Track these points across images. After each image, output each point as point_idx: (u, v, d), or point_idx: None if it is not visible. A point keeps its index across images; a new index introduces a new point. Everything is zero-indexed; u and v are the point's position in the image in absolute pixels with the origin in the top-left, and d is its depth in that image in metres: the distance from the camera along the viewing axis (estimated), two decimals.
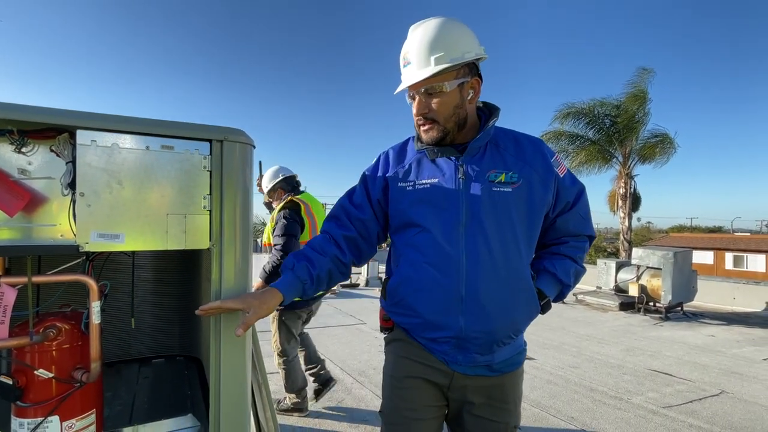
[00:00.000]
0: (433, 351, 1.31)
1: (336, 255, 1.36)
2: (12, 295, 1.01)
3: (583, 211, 1.40)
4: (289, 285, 1.28)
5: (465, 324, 1.23)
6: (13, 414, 1.12)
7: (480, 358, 1.28)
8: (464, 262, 1.22)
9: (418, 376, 1.33)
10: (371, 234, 1.43)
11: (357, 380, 3.97)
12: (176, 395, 1.82)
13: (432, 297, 1.26)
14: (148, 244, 1.12)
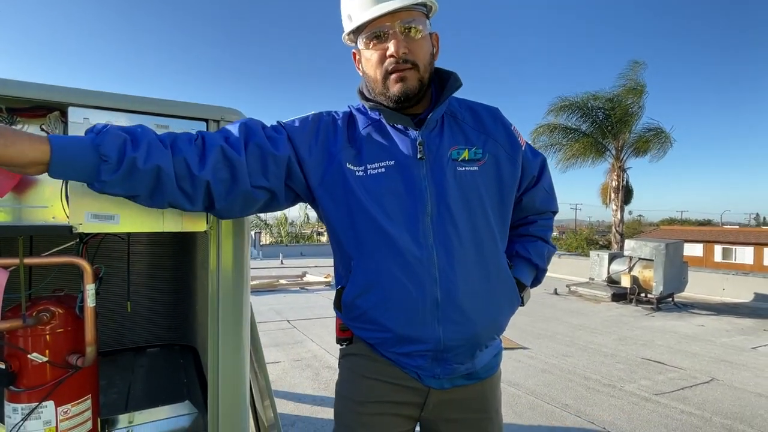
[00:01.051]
0: (403, 366, 1.11)
1: (186, 160, 0.91)
2: (3, 277, 0.98)
3: (548, 185, 1.26)
4: (73, 147, 0.82)
5: (444, 333, 1.03)
6: (7, 399, 1.10)
7: (461, 367, 1.10)
8: (436, 261, 1.01)
9: (386, 399, 1.12)
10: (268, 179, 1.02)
11: None
12: (172, 383, 1.81)
13: (402, 307, 1.03)
14: (144, 225, 1.09)
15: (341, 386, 1.21)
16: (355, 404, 1.15)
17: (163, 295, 2.28)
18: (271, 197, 1.07)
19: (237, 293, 1.22)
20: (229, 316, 1.21)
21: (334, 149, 1.09)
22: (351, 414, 1.16)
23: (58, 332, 1.11)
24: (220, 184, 0.96)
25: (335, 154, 1.08)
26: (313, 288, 9.44)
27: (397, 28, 1.01)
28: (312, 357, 4.41)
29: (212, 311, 1.20)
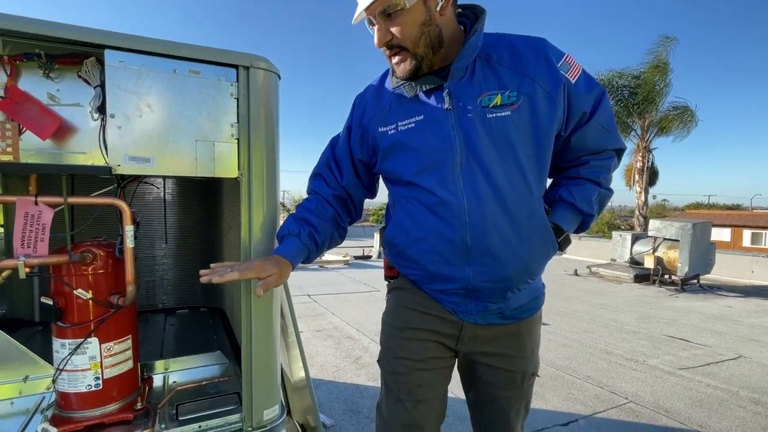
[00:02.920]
0: (440, 300, 1.20)
1: (335, 218, 1.28)
2: (49, 215, 1.02)
3: (605, 121, 1.15)
4: (297, 254, 1.18)
5: (473, 275, 1.10)
6: (54, 335, 1.16)
7: (492, 306, 1.16)
8: (466, 207, 1.06)
9: (424, 327, 1.22)
10: (355, 197, 1.33)
11: (374, 341, 4.05)
12: (203, 339, 1.87)
13: (433, 248, 1.12)
14: (178, 169, 1.12)
15: (386, 316, 1.32)
16: (396, 330, 1.26)
17: (192, 259, 2.34)
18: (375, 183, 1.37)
19: (268, 240, 1.24)
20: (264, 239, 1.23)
21: (366, 119, 1.22)
22: (393, 338, 1.27)
23: (99, 273, 1.16)
24: (352, 213, 1.36)
25: (368, 124, 1.22)
26: (331, 266, 9.57)
27: (377, 18, 1.05)
28: (333, 328, 4.50)
29: (244, 257, 1.23)
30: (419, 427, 1.21)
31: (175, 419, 1.21)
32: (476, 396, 1.31)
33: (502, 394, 1.25)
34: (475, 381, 1.29)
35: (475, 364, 1.26)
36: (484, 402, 1.29)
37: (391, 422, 1.23)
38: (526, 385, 1.26)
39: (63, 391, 1.17)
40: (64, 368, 1.15)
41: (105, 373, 1.18)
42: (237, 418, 1.24)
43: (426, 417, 1.22)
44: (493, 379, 1.24)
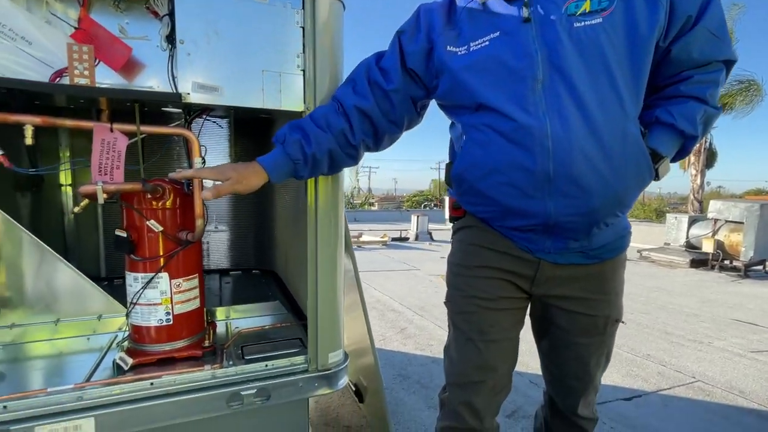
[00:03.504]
0: (513, 238, 1.10)
1: (343, 131, 1.10)
2: (124, 143, 1.02)
3: (715, 26, 0.97)
4: (276, 163, 1.07)
5: (555, 208, 0.99)
6: (127, 269, 1.18)
7: (573, 243, 1.05)
8: (549, 131, 0.94)
9: (495, 266, 1.13)
10: (396, 111, 1.14)
11: (417, 313, 4.02)
12: (259, 294, 1.88)
13: (509, 181, 1.01)
14: (245, 100, 1.08)
15: (453, 256, 1.25)
16: (465, 269, 1.18)
17: (245, 222, 2.37)
18: (409, 120, 1.20)
19: (334, 184, 1.20)
20: (328, 201, 1.19)
21: (434, 35, 1.09)
22: (461, 277, 1.19)
23: (168, 209, 1.16)
24: (369, 136, 1.16)
25: (435, 40, 1.09)
26: (369, 246, 9.63)
27: None
28: (376, 301, 4.50)
29: (311, 195, 1.19)
30: (492, 368, 1.15)
31: (241, 358, 1.21)
32: (551, 344, 1.23)
33: (581, 341, 1.16)
34: (549, 328, 1.21)
35: (550, 309, 1.17)
36: (560, 351, 1.21)
37: (461, 363, 1.17)
38: (609, 331, 1.17)
39: (136, 325, 1.19)
40: (137, 302, 1.17)
41: (175, 309, 1.19)
42: (302, 360, 1.22)
43: (498, 359, 1.16)
44: (571, 325, 1.16)
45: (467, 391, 1.17)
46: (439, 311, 4.11)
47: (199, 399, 1.09)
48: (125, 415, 1.03)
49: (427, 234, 11.86)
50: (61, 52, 1.02)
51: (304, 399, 1.29)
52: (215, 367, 1.15)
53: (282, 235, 2.01)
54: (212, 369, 1.14)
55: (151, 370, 1.13)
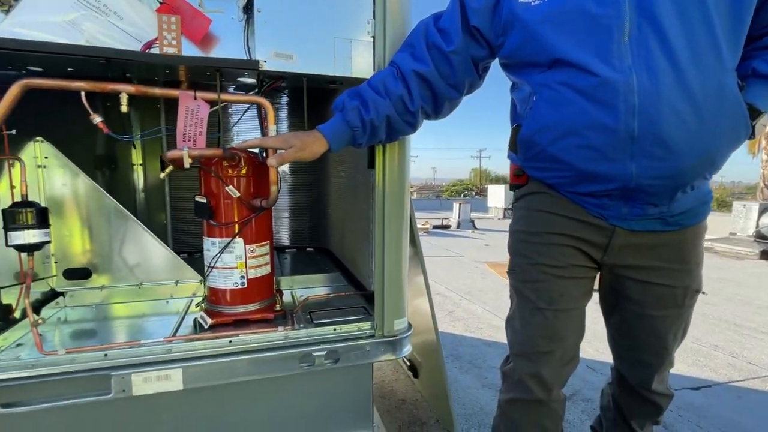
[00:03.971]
0: (585, 205, 1.04)
1: (401, 97, 1.07)
2: (206, 110, 1.07)
3: None
4: (336, 130, 1.07)
5: (637, 170, 0.92)
6: (205, 235, 1.24)
7: (652, 209, 0.99)
8: (635, 86, 0.87)
9: (565, 232, 1.07)
10: (456, 75, 1.09)
11: (464, 298, 3.99)
12: (318, 267, 1.93)
13: (587, 143, 0.94)
14: (318, 67, 1.10)
15: (517, 224, 1.19)
16: (532, 235, 1.13)
17: (301, 202, 2.43)
18: (470, 83, 1.15)
19: (402, 154, 1.20)
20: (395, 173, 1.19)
21: None
22: (528, 245, 1.14)
23: (244, 176, 1.21)
24: (428, 102, 1.12)
25: None
26: None
27: None
28: None
29: (379, 165, 1.20)
30: (561, 338, 1.12)
31: (311, 322, 1.26)
32: (623, 318, 1.17)
33: (656, 313, 1.10)
34: (621, 300, 1.15)
35: (622, 280, 1.11)
36: (633, 325, 1.15)
37: (528, 333, 1.14)
38: (687, 303, 1.10)
39: (213, 287, 1.26)
40: (214, 266, 1.23)
41: (249, 273, 1.25)
42: (369, 326, 1.25)
43: (567, 328, 1.12)
44: (645, 297, 1.09)
45: (534, 362, 1.14)
46: (487, 296, 4.06)
47: (273, 357, 1.14)
48: (208, 369, 1.09)
49: (470, 222, 11.70)
50: (148, 26, 1.07)
51: (370, 364, 1.32)
52: (287, 329, 1.20)
53: (337, 213, 2.05)
54: (285, 330, 1.19)
55: (228, 329, 1.19)
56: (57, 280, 1.34)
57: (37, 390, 0.99)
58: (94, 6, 1.03)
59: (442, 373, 1.70)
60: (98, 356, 1.04)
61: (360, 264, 1.56)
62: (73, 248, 1.34)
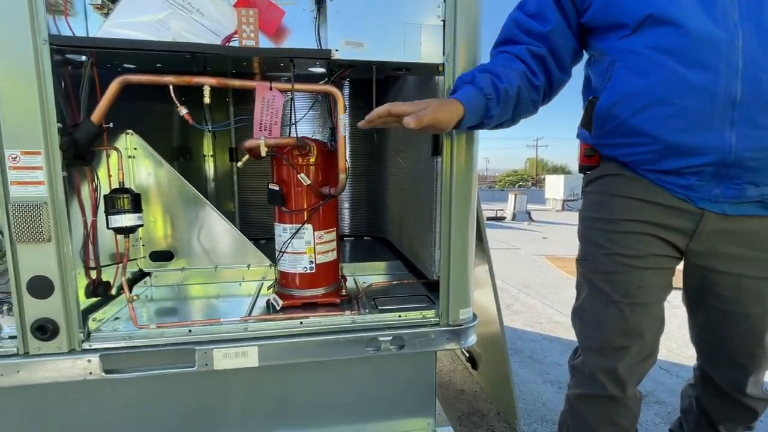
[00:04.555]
0: (668, 186, 0.96)
1: (524, 72, 1.04)
2: (281, 100, 1.11)
3: None
4: (470, 98, 0.99)
5: (737, 140, 0.84)
6: (276, 221, 1.30)
7: (751, 189, 0.89)
8: (740, 44, 0.80)
9: (644, 219, 0.99)
10: (561, 50, 1.05)
11: (522, 291, 3.87)
12: (378, 255, 1.96)
13: (678, 110, 0.87)
14: (388, 54, 1.10)
15: (588, 210, 1.11)
16: (606, 222, 1.05)
17: (356, 190, 2.47)
18: (573, 57, 1.11)
19: (471, 133, 1.17)
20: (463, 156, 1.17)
21: None
22: (601, 233, 1.06)
23: (313, 164, 1.24)
24: (547, 75, 1.09)
25: None
26: None
27: None
28: None
29: (447, 151, 1.18)
30: (639, 334, 1.04)
31: (375, 308, 1.28)
32: (711, 315, 1.07)
33: (753, 311, 0.99)
34: (708, 296, 1.04)
35: (712, 273, 1.00)
36: (724, 323, 1.04)
37: (602, 327, 1.08)
38: None
39: (284, 271, 1.32)
40: (285, 250, 1.29)
41: (317, 259, 1.29)
42: (433, 314, 1.24)
43: (645, 323, 1.04)
44: (739, 292, 0.99)
45: (608, 357, 1.08)
46: (547, 291, 3.91)
47: (341, 340, 1.18)
48: (281, 348, 1.14)
49: (526, 213, 11.30)
50: (226, 21, 1.13)
51: (433, 352, 1.32)
52: (354, 313, 1.23)
53: (396, 203, 2.05)
54: (352, 315, 1.22)
55: (297, 311, 1.24)
56: (144, 262, 1.46)
57: (132, 359, 1.09)
58: (180, 4, 1.10)
59: (506, 366, 1.66)
60: (183, 332, 1.13)
61: (421, 253, 1.56)
62: (157, 233, 1.45)
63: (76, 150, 1.00)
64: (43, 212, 0.98)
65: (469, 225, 1.24)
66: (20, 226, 0.97)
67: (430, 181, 1.34)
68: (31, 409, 1.14)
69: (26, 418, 1.14)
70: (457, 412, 1.83)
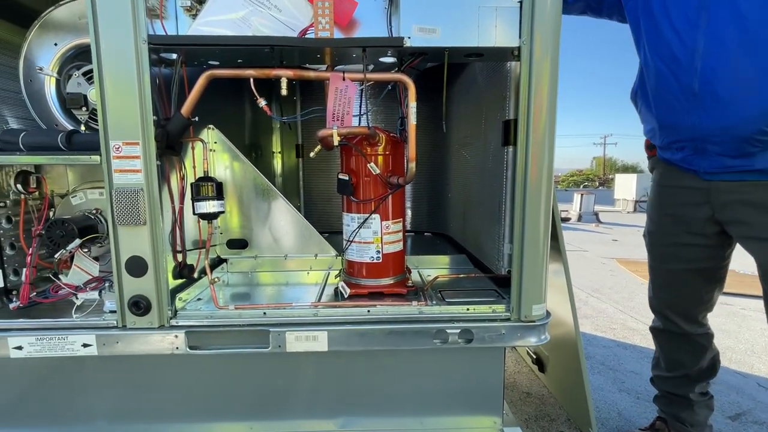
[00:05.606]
0: (676, 163, 1.29)
1: None
2: (353, 90, 1.12)
3: None
4: None
5: (699, 122, 1.15)
6: (344, 210, 1.32)
7: (730, 161, 1.15)
8: (701, 49, 1.10)
9: (675, 202, 1.34)
10: None
11: (592, 295, 3.64)
12: (440, 249, 1.93)
13: (662, 96, 1.22)
14: (461, 39, 1.07)
15: (651, 191, 1.47)
16: (658, 207, 1.42)
17: (421, 189, 2.45)
18: None
19: (550, 119, 1.11)
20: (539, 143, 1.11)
21: None
22: (657, 213, 1.43)
23: (382, 154, 1.25)
24: None
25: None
26: None
27: None
28: None
29: (522, 140, 1.13)
30: None
31: (442, 300, 1.25)
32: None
33: None
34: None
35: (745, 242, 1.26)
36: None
37: None
38: None
39: (351, 260, 1.34)
40: (353, 240, 1.30)
41: (384, 249, 1.29)
42: (504, 308, 1.20)
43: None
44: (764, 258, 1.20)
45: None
46: (619, 295, 3.64)
47: (408, 330, 1.17)
48: (349, 334, 1.16)
49: (593, 215, 10.63)
50: (301, 15, 1.16)
51: (502, 348, 1.27)
52: (421, 304, 1.21)
53: (459, 197, 2.01)
54: (419, 305, 1.21)
55: (364, 300, 1.25)
56: (221, 249, 1.55)
57: (213, 337, 1.17)
58: (259, 1, 1.15)
59: (581, 370, 1.56)
60: (258, 314, 1.18)
61: (487, 247, 1.51)
62: (232, 222, 1.54)
63: (168, 141, 1.09)
64: (140, 198, 1.07)
65: (543, 217, 1.18)
66: (121, 210, 1.07)
67: (500, 172, 1.30)
68: (125, 377, 1.26)
69: (120, 386, 1.26)
70: (524, 414, 1.76)
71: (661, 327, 1.48)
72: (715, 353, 1.44)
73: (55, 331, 1.12)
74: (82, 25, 1.36)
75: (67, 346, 1.12)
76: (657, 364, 1.53)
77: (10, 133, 1.11)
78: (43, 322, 1.14)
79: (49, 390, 1.25)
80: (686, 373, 1.43)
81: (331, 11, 1.05)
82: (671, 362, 1.47)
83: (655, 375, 1.54)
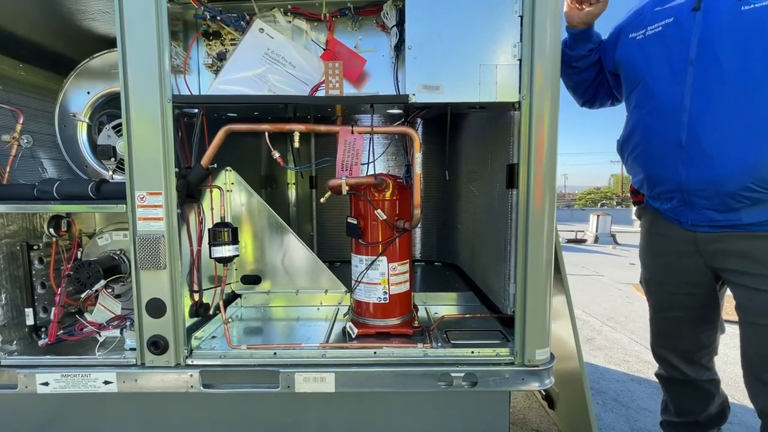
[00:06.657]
0: (664, 213, 1.31)
1: None
2: (361, 142, 1.19)
3: None
4: None
5: (686, 174, 1.16)
6: (353, 252, 1.37)
7: (717, 215, 1.17)
8: (688, 106, 1.12)
9: (667, 251, 1.35)
10: None
11: (606, 324, 3.58)
12: (447, 284, 1.96)
13: (650, 150, 1.24)
14: (463, 95, 1.13)
15: (641, 237, 1.51)
16: (647, 253, 1.47)
17: (430, 220, 2.49)
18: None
19: (550, 166, 1.15)
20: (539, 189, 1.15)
21: (623, 23, 1.35)
22: (648, 259, 1.47)
23: (388, 199, 1.30)
24: None
25: (623, 27, 1.34)
26: None
27: None
28: None
29: (523, 184, 1.17)
30: None
31: (447, 341, 1.28)
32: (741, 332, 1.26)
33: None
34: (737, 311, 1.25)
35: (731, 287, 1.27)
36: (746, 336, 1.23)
37: None
38: None
39: (359, 300, 1.38)
40: (361, 280, 1.35)
41: (391, 290, 1.33)
42: (508, 352, 1.22)
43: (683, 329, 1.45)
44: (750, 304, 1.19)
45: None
46: (635, 324, 3.57)
47: (412, 373, 1.20)
48: (355, 376, 1.19)
49: (610, 236, 10.46)
50: (314, 70, 1.24)
51: (507, 392, 1.28)
52: (426, 346, 1.24)
53: (467, 230, 2.04)
54: (423, 348, 1.24)
55: (371, 340, 1.29)
56: (235, 285, 1.62)
57: (225, 377, 1.21)
58: (275, 59, 1.24)
59: (587, 409, 1.55)
60: (269, 354, 1.23)
61: (494, 284, 1.54)
62: (247, 257, 1.60)
63: (188, 190, 1.16)
64: (161, 244, 1.14)
65: (545, 262, 1.21)
66: (143, 256, 1.14)
67: (505, 212, 1.34)
68: (139, 414, 1.31)
69: (135, 422, 1.31)
70: None
71: (665, 375, 1.48)
72: (724, 399, 1.42)
73: (79, 368, 1.19)
74: (112, 75, 1.48)
75: (89, 383, 1.18)
76: (666, 408, 1.52)
77: (46, 182, 1.21)
78: (69, 359, 1.21)
79: (64, 425, 1.31)
80: (696, 419, 1.41)
81: (341, 71, 1.12)
82: (680, 409, 1.46)
83: (665, 420, 1.53)
